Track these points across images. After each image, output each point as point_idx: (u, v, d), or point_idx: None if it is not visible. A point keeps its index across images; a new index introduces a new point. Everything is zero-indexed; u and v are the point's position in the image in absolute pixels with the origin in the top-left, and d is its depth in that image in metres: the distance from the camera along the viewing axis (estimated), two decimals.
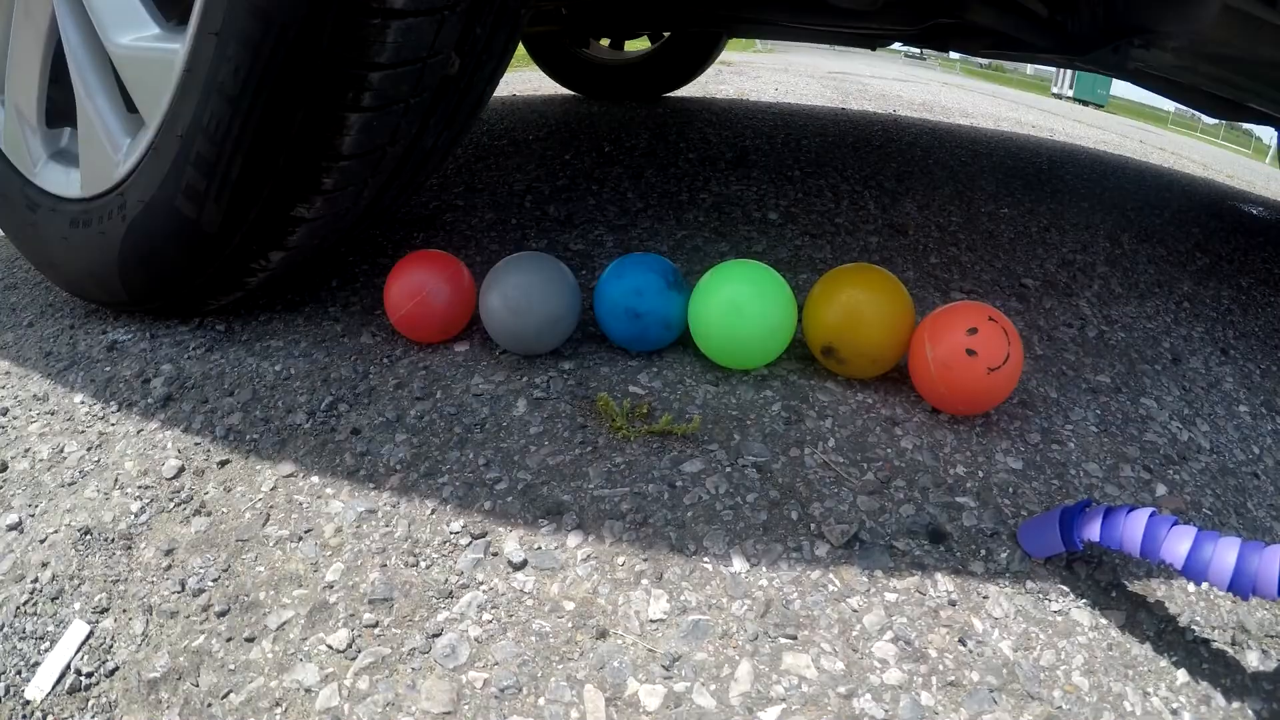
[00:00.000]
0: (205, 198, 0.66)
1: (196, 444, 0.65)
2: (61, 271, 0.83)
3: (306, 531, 0.55)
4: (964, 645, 0.46)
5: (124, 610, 0.50)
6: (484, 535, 0.54)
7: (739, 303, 0.67)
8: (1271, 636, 0.47)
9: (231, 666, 0.46)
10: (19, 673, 0.47)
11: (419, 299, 0.72)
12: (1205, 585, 0.49)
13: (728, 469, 0.60)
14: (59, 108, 0.81)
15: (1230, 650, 0.46)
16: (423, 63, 0.61)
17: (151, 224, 0.71)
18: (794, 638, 0.46)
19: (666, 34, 2.16)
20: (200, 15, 0.60)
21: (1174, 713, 0.42)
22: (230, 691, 0.44)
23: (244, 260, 0.72)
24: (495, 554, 0.53)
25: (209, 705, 0.44)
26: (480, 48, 0.67)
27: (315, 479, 0.60)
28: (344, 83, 0.58)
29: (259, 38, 0.58)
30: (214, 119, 0.62)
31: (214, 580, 0.52)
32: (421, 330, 0.75)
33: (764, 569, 0.51)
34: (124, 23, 0.68)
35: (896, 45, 1.56)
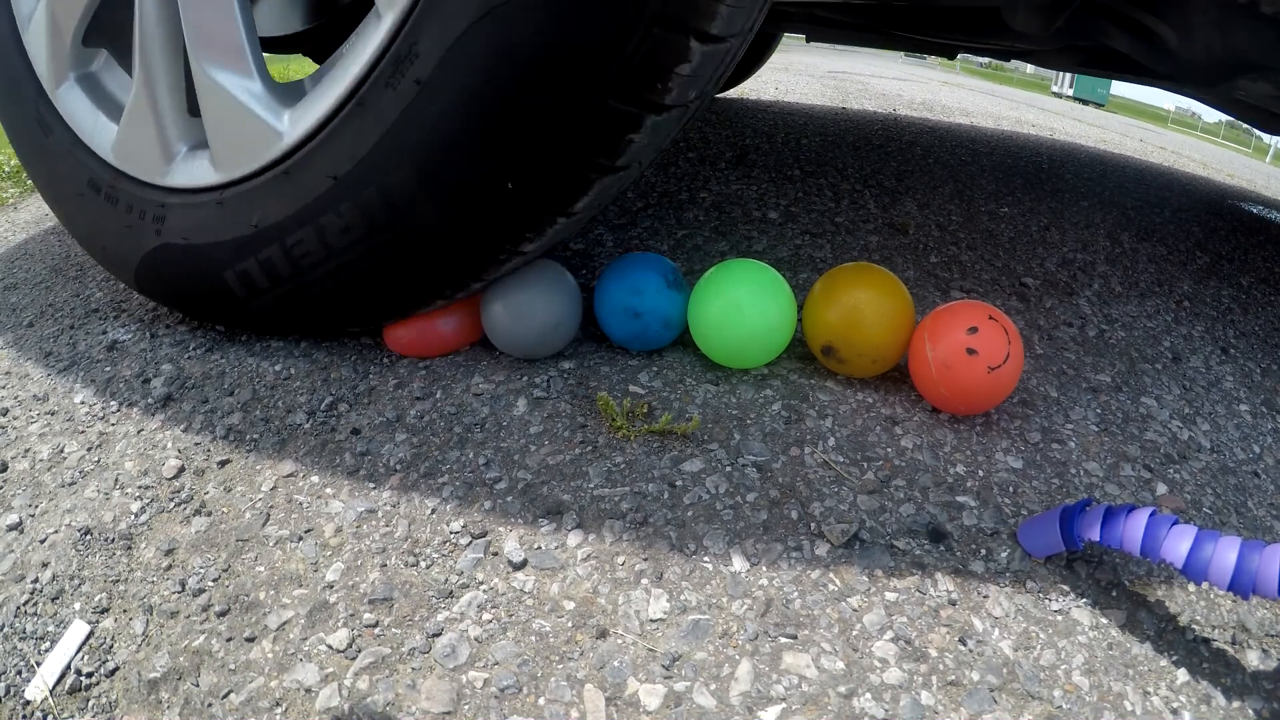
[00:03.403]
0: None
1: (196, 444, 0.65)
2: None
3: (306, 531, 0.55)
4: (964, 645, 0.46)
5: (124, 610, 0.50)
6: (484, 535, 0.54)
7: (738, 302, 0.67)
8: (1272, 636, 0.47)
9: (232, 666, 0.46)
10: (19, 673, 0.47)
11: (427, 332, 0.73)
12: (1205, 585, 0.49)
13: (728, 468, 0.60)
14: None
15: (1230, 650, 0.46)
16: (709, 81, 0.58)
17: None
18: (794, 637, 0.46)
19: None
20: None
21: (1174, 712, 0.42)
22: (230, 691, 0.44)
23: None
24: (495, 554, 0.53)
25: (209, 705, 0.44)
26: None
27: (315, 479, 0.60)
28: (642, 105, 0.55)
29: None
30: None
31: (214, 580, 0.52)
32: (422, 353, 0.75)
33: (764, 568, 0.51)
34: None
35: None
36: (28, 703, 0.45)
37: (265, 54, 0.73)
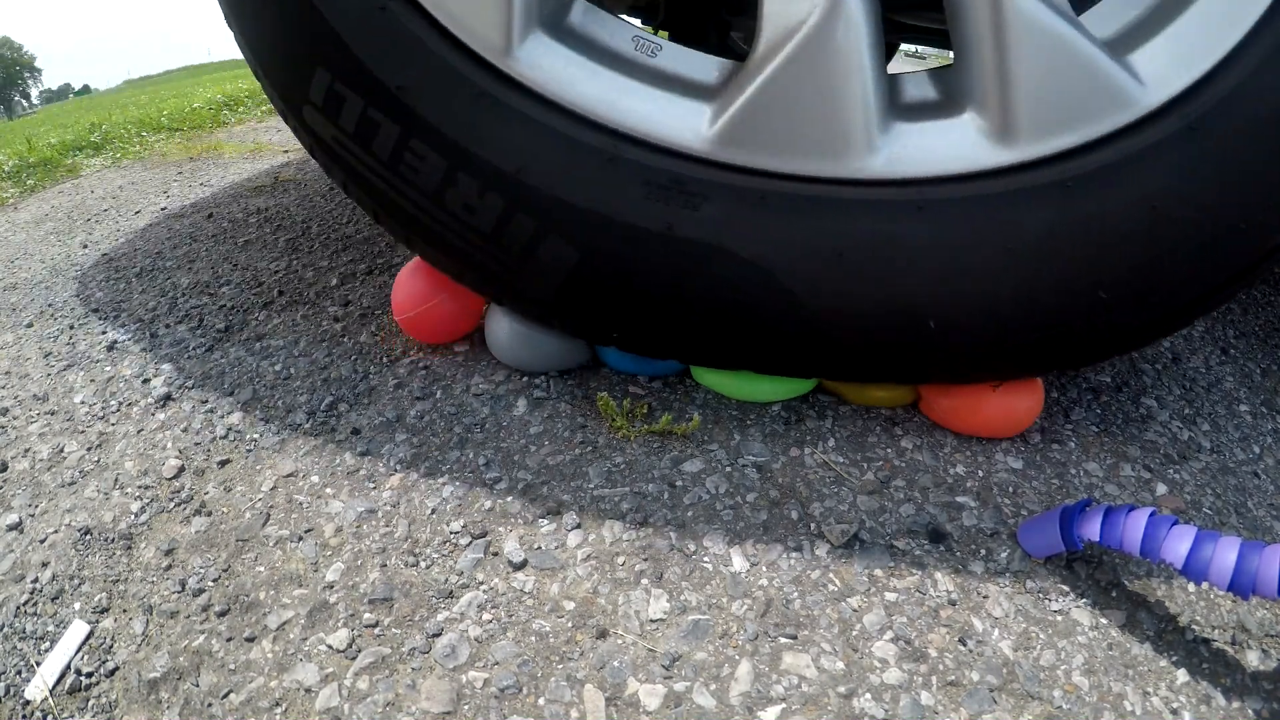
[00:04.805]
0: None
1: (196, 444, 0.65)
2: None
3: (306, 531, 0.55)
4: (964, 645, 0.46)
5: (124, 610, 0.50)
6: (484, 535, 0.54)
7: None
8: (1272, 636, 0.47)
9: (231, 666, 0.46)
10: (19, 673, 0.47)
11: (432, 304, 0.72)
12: (1205, 585, 0.49)
13: (728, 469, 0.60)
14: None
15: (1230, 650, 0.46)
16: None
17: None
18: (794, 637, 0.46)
19: None
20: None
21: (1174, 713, 0.42)
22: (230, 691, 0.44)
23: None
24: (495, 554, 0.53)
25: (209, 705, 0.44)
26: None
27: (315, 479, 0.60)
28: None
29: None
30: None
31: (214, 580, 0.52)
32: (427, 334, 0.75)
33: (764, 569, 0.51)
34: None
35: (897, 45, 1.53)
36: (28, 703, 0.45)
37: None
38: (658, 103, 0.50)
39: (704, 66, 0.51)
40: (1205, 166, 0.44)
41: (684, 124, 0.50)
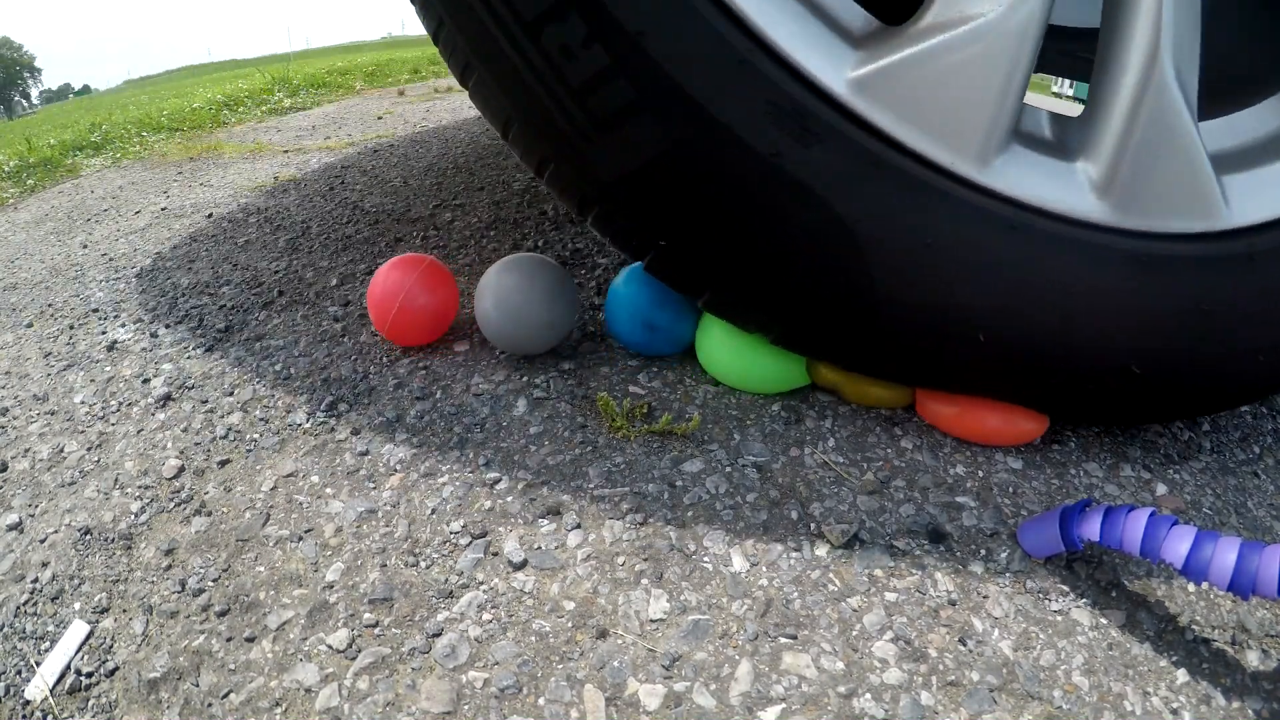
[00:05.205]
0: None
1: (196, 444, 0.65)
2: None
3: (306, 531, 0.55)
4: (964, 645, 0.46)
5: (124, 610, 0.50)
6: (484, 535, 0.54)
7: (748, 344, 0.65)
8: (1272, 636, 0.47)
9: (231, 666, 0.46)
10: (19, 673, 0.47)
11: (399, 307, 0.72)
12: (1205, 585, 0.49)
13: (728, 469, 0.60)
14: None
15: (1230, 650, 0.46)
16: None
17: None
18: (794, 637, 0.46)
19: None
20: None
21: (1174, 713, 0.42)
22: (230, 691, 0.44)
23: None
24: (495, 554, 0.53)
25: (209, 705, 0.44)
26: None
27: (315, 479, 0.60)
28: None
29: None
30: None
31: (214, 580, 0.52)
32: (412, 335, 0.75)
33: (764, 569, 0.51)
34: None
35: None
36: (28, 703, 0.45)
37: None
38: (804, 24, 0.48)
39: (853, 12, 0.50)
40: (1251, 291, 0.50)
41: (825, 59, 0.48)
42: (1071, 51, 0.94)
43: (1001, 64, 0.46)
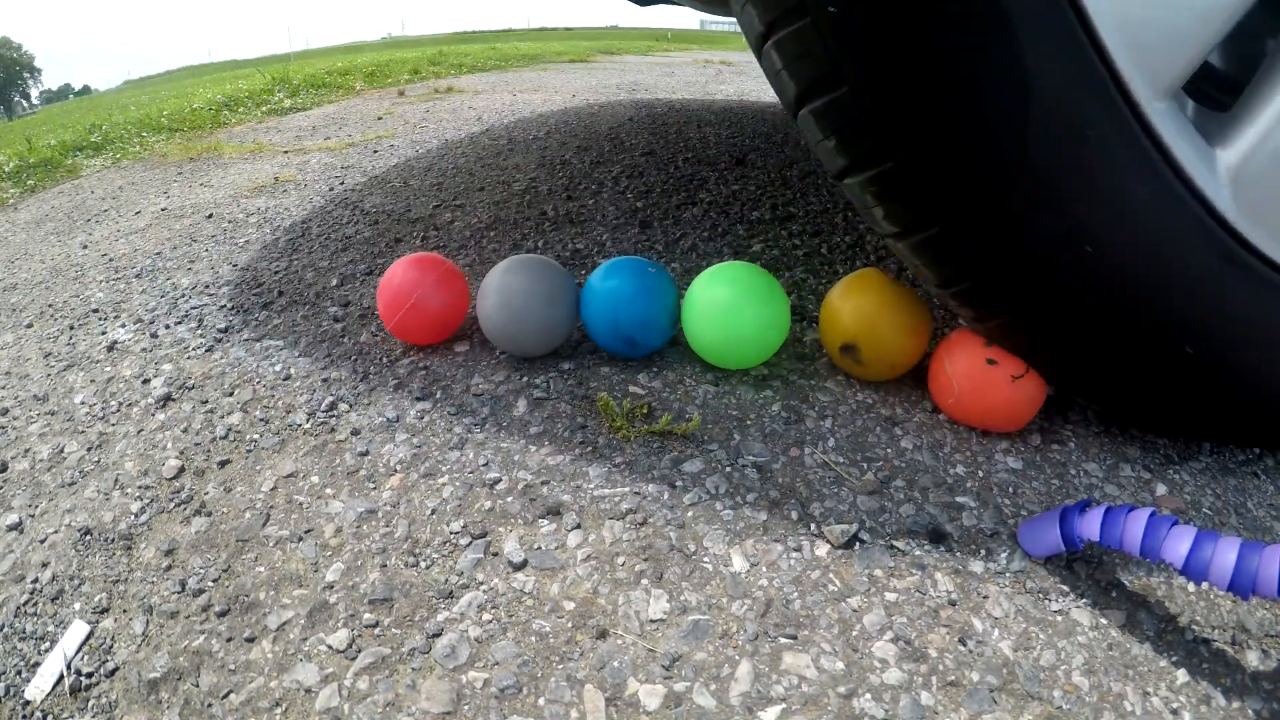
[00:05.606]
0: None
1: (196, 444, 0.65)
2: None
3: (306, 531, 0.55)
4: (964, 645, 0.46)
5: (124, 610, 0.50)
6: (484, 535, 0.54)
7: (728, 305, 0.66)
8: (1271, 636, 0.47)
9: (231, 666, 0.46)
10: (19, 673, 0.47)
11: (411, 304, 0.72)
12: (1205, 585, 0.49)
13: (728, 469, 0.60)
14: None
15: (1230, 650, 0.46)
16: None
17: None
18: (794, 638, 0.46)
19: None
20: None
21: (1174, 713, 0.42)
22: (230, 691, 0.44)
23: None
24: (495, 554, 0.53)
25: (209, 705, 0.44)
26: None
27: (315, 479, 0.60)
28: None
29: None
30: None
31: (214, 580, 0.52)
32: (418, 334, 0.75)
33: (764, 569, 0.51)
34: None
35: None
36: (28, 703, 0.45)
37: None
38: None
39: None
40: None
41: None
42: None
43: None
